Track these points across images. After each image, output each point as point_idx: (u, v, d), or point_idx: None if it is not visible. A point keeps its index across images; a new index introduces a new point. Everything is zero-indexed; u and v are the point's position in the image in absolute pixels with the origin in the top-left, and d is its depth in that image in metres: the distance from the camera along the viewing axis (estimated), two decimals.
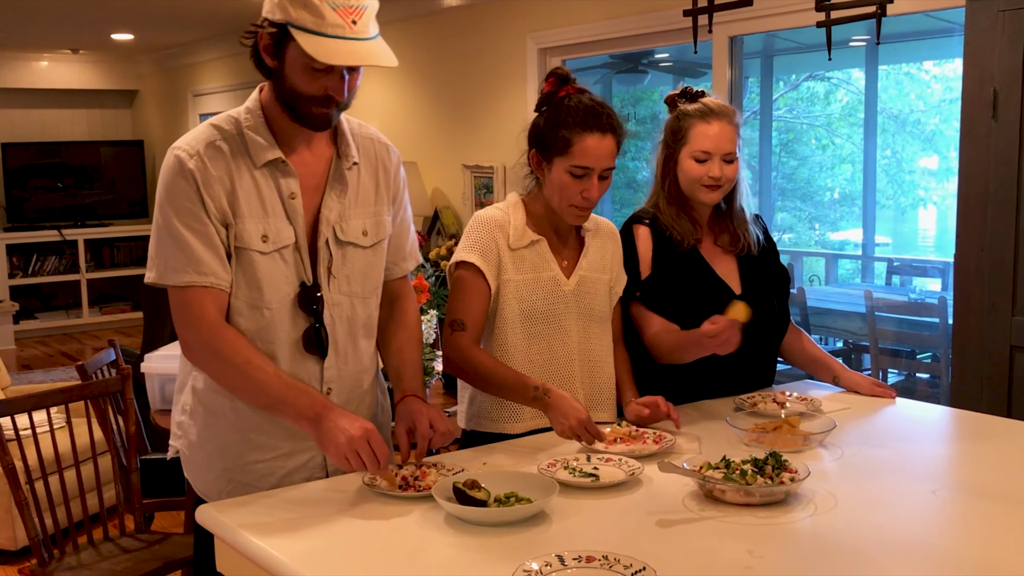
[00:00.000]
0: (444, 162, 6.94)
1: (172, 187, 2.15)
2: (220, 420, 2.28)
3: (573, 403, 2.37)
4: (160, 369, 3.87)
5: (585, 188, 2.47)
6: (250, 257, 2.18)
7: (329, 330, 2.27)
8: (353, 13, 2.05)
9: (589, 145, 2.43)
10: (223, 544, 2.00)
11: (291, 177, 2.21)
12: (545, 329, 2.57)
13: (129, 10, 7.91)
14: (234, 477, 2.29)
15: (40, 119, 11.14)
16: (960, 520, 2.04)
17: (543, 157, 2.52)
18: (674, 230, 2.79)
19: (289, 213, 2.21)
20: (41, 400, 3.20)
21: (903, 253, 9.91)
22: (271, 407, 2.18)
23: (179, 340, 2.22)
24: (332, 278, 2.27)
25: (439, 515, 1.98)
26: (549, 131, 2.48)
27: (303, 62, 2.08)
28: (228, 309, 2.20)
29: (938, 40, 7.87)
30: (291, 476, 2.29)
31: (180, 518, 4.80)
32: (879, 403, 2.85)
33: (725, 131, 2.74)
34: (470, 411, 2.64)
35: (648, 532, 1.91)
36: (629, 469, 2.20)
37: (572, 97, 2.49)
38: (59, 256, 10.72)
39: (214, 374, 2.23)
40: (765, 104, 8.70)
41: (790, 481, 2.04)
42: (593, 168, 2.45)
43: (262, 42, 2.13)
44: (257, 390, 2.17)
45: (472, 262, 2.51)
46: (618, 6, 5.60)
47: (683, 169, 2.77)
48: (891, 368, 6.38)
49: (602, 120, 2.45)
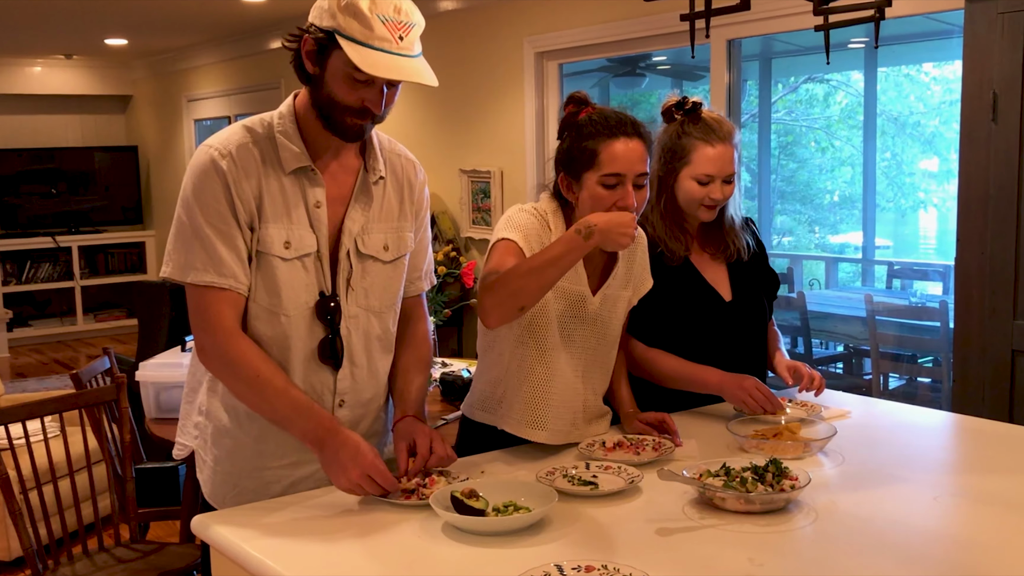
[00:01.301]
0: (441, 167, 6.92)
1: (201, 185, 2.15)
2: (232, 423, 2.27)
3: None
4: (155, 377, 3.86)
5: (620, 197, 2.34)
6: (271, 263, 2.17)
7: (345, 341, 2.26)
8: (401, 29, 2.06)
9: (618, 151, 2.33)
10: (219, 554, 1.99)
11: (318, 187, 2.21)
12: (563, 339, 2.48)
13: (123, 15, 7.89)
14: (240, 483, 2.28)
15: (33, 125, 11.11)
16: (962, 527, 2.03)
17: (571, 177, 2.41)
18: (665, 246, 2.77)
19: (313, 222, 2.21)
20: (35, 409, 3.19)
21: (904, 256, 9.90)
22: (277, 423, 2.20)
23: (194, 341, 2.22)
24: (351, 290, 2.27)
25: (438, 524, 1.97)
26: (574, 147, 2.39)
27: (345, 71, 2.08)
28: (246, 314, 2.20)
29: (938, 42, 7.86)
30: (296, 486, 2.28)
31: (176, 528, 4.75)
32: (880, 409, 2.84)
33: (727, 153, 2.71)
34: (470, 400, 2.62)
35: (648, 540, 1.90)
36: (628, 477, 2.19)
37: (592, 114, 2.42)
38: (53, 263, 10.70)
39: (224, 382, 2.24)
40: (764, 107, 8.69)
41: (791, 488, 2.03)
42: (625, 174, 2.34)
43: (306, 47, 2.13)
44: (265, 406, 2.18)
45: (513, 239, 2.38)
46: (615, 9, 5.59)
47: (683, 189, 2.75)
48: (892, 372, 6.37)
49: (627, 126, 2.36)
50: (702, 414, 2.77)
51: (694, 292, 2.79)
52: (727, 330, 2.81)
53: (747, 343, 2.85)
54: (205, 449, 2.33)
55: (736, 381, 2.69)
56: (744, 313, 2.84)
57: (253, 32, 8.56)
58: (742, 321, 2.83)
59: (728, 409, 2.76)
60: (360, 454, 2.08)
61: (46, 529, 3.27)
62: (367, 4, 2.04)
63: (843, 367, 7.10)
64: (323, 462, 2.12)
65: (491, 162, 6.55)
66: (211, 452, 2.31)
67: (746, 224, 2.92)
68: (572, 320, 2.48)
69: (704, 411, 2.79)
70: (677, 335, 2.76)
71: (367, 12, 2.03)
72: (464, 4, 6.63)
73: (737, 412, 2.72)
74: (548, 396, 2.46)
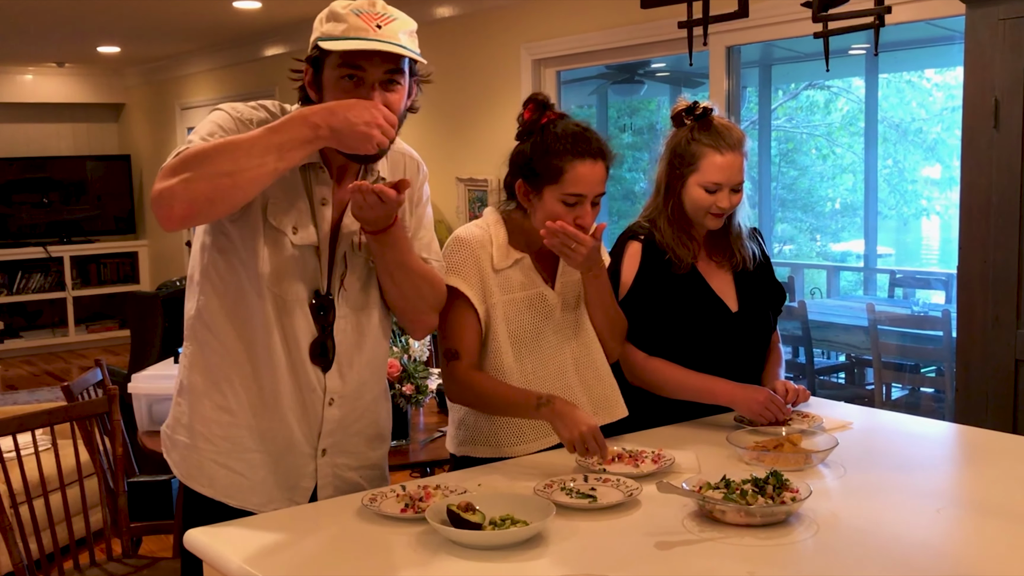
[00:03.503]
0: (437, 175, 6.89)
1: (214, 116, 2.16)
2: (202, 399, 2.25)
3: (581, 412, 2.37)
4: (148, 389, 3.85)
5: (578, 215, 2.43)
6: (280, 240, 2.18)
7: (337, 341, 2.26)
8: (377, 19, 2.10)
9: (582, 173, 2.41)
10: (212, 570, 1.97)
11: (324, 185, 2.22)
12: (537, 345, 2.55)
13: (116, 22, 7.90)
14: (224, 461, 2.24)
15: (25, 133, 11.09)
16: (965, 539, 2.02)
17: (532, 187, 2.47)
18: (673, 252, 2.75)
19: (316, 218, 2.21)
20: (25, 422, 3.15)
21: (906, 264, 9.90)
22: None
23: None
24: (343, 290, 2.27)
25: (434, 538, 1.95)
26: (539, 160, 2.45)
27: (337, 81, 2.10)
28: (240, 304, 2.19)
29: (939, 48, 7.87)
30: (278, 471, 2.26)
31: (169, 542, 4.75)
32: (882, 419, 2.84)
33: (736, 161, 2.70)
34: (460, 436, 2.61)
35: (647, 554, 1.88)
36: (627, 490, 2.17)
37: (556, 123, 2.46)
38: (44, 273, 10.65)
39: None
40: (764, 114, 8.69)
41: (792, 501, 2.02)
42: (586, 195, 2.43)
43: (306, 77, 2.18)
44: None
45: (457, 287, 2.48)
46: (613, 16, 5.57)
47: (691, 196, 2.73)
48: (895, 383, 6.35)
49: (592, 146, 2.43)
50: (701, 425, 2.75)
51: (700, 301, 2.78)
52: (732, 341, 2.79)
53: (751, 355, 2.83)
54: (182, 429, 2.29)
55: (748, 394, 2.68)
56: (749, 324, 2.82)
57: (247, 39, 8.56)
58: (747, 332, 2.82)
59: (728, 420, 2.73)
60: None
61: (37, 544, 3.24)
62: (342, 4, 2.12)
63: (845, 377, 7.09)
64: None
65: (488, 170, 6.53)
66: (188, 435, 2.27)
67: (752, 234, 2.90)
68: (542, 322, 2.54)
69: (703, 422, 2.76)
70: (680, 344, 2.74)
71: (341, 10, 2.11)
72: (460, 11, 6.62)
73: (738, 423, 2.69)
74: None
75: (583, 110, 8.81)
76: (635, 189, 9.72)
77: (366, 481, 2.39)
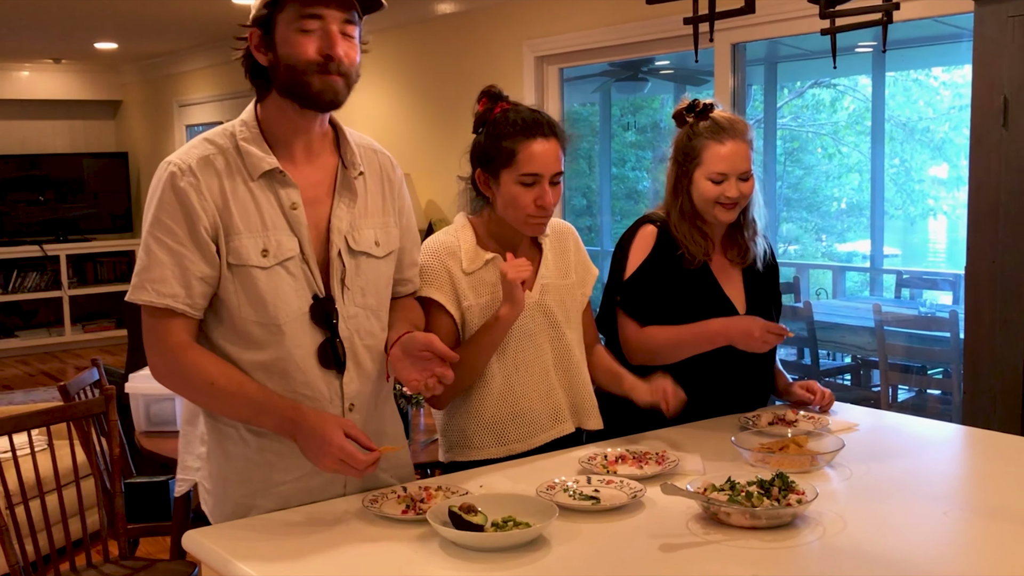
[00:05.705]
0: (438, 173, 6.90)
1: (157, 201, 2.13)
2: (234, 442, 2.22)
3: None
4: (145, 389, 3.82)
5: (538, 195, 2.46)
6: (250, 274, 2.13)
7: (347, 343, 2.22)
8: None
9: (535, 151, 2.44)
10: (211, 572, 1.97)
11: (291, 187, 2.18)
12: (517, 346, 2.54)
13: (113, 18, 7.89)
14: (257, 502, 2.21)
15: (21, 131, 11.05)
16: (972, 542, 2.02)
17: (489, 173, 2.52)
18: (687, 249, 2.76)
19: (292, 224, 2.17)
20: (21, 422, 3.14)
21: (913, 265, 9.86)
22: (251, 423, 2.18)
23: (148, 364, 2.20)
24: (346, 290, 2.23)
25: (435, 540, 1.95)
26: (491, 146, 2.49)
27: (294, 26, 2.08)
28: (236, 331, 2.16)
29: (947, 46, 7.84)
30: (313, 494, 2.23)
31: (166, 544, 4.74)
32: (889, 421, 2.84)
33: (740, 149, 2.70)
34: (445, 443, 2.62)
35: (651, 556, 1.88)
36: (631, 491, 2.17)
37: (508, 112, 2.51)
38: (40, 272, 10.58)
39: (183, 395, 2.23)
40: (769, 112, 8.65)
41: (797, 503, 2.02)
42: (542, 174, 2.45)
43: (252, 42, 2.15)
44: (229, 411, 2.18)
45: (430, 296, 2.49)
46: (617, 13, 5.55)
47: (698, 190, 2.74)
48: (901, 384, 6.33)
49: (543, 126, 2.47)
50: (706, 426, 2.74)
51: (709, 300, 2.79)
52: None
53: (754, 357, 2.81)
54: (213, 479, 2.26)
55: (741, 326, 2.70)
56: None
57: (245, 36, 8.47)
58: None
59: (733, 422, 2.73)
60: (325, 443, 2.04)
61: (33, 545, 3.23)
62: None
63: (851, 379, 7.07)
64: (302, 452, 2.10)
65: None
66: (220, 480, 2.24)
67: (763, 238, 2.91)
68: (517, 324, 2.52)
69: (708, 424, 2.76)
70: None
71: None
72: (462, 7, 6.61)
73: (743, 425, 2.68)
74: (528, 401, 2.54)
75: (586, 108, 8.79)
76: (638, 188, 9.70)
77: (397, 480, 2.35)
